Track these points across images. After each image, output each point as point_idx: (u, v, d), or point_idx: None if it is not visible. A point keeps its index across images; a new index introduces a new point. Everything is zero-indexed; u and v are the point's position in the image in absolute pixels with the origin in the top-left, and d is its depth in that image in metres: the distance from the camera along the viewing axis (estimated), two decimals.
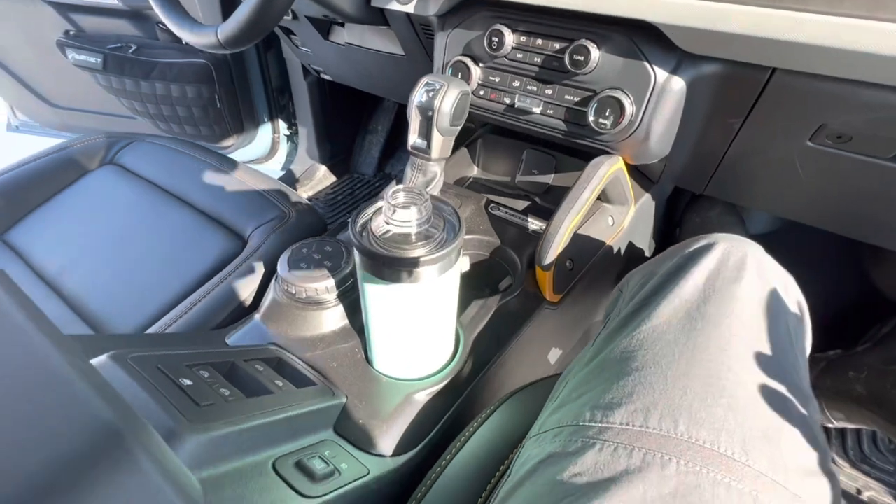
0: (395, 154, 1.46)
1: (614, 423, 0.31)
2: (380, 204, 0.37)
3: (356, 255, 0.36)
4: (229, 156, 1.27)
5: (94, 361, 0.29)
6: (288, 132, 1.45)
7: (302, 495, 0.29)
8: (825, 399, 0.72)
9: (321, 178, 1.42)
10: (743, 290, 0.36)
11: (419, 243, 0.35)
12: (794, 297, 0.41)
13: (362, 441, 0.38)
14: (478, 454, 0.38)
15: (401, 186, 0.35)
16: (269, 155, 1.47)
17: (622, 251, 0.77)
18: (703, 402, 0.30)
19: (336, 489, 0.31)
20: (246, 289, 0.55)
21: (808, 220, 0.69)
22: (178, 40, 1.22)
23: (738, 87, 0.53)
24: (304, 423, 0.35)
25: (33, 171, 0.76)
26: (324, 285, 0.45)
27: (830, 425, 0.74)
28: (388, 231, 0.35)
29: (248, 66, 1.27)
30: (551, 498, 0.29)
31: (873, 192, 0.57)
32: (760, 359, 0.33)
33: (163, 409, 0.27)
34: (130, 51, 1.19)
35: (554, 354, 0.66)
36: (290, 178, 1.40)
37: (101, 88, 1.25)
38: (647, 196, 0.79)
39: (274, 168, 1.49)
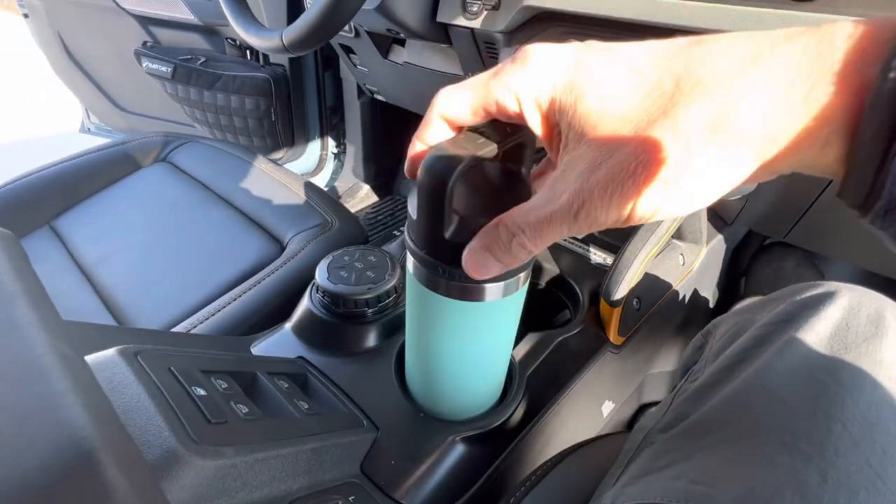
0: None
1: None
2: None
3: (408, 262, 0.31)
4: None
5: (99, 354, 0.25)
6: (336, 150, 1.47)
7: None
8: None
9: (363, 196, 1.41)
10: (887, 351, 0.29)
11: None
12: None
13: (392, 487, 0.32)
14: None
15: None
16: (315, 171, 1.48)
17: (687, 298, 0.69)
18: (852, 495, 0.23)
19: None
20: (279, 295, 0.51)
21: None
22: (244, 55, 1.27)
23: None
24: (327, 458, 0.29)
25: (89, 163, 0.77)
26: (364, 298, 0.41)
27: None
28: None
29: (306, 84, 1.30)
30: None
31: None
32: None
33: (166, 423, 0.22)
34: (199, 62, 1.25)
35: (607, 407, 0.58)
36: (333, 194, 1.41)
37: (167, 96, 1.31)
38: (718, 238, 0.71)
39: (318, 184, 1.50)
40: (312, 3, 0.57)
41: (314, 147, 1.42)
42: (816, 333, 0.30)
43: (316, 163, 1.47)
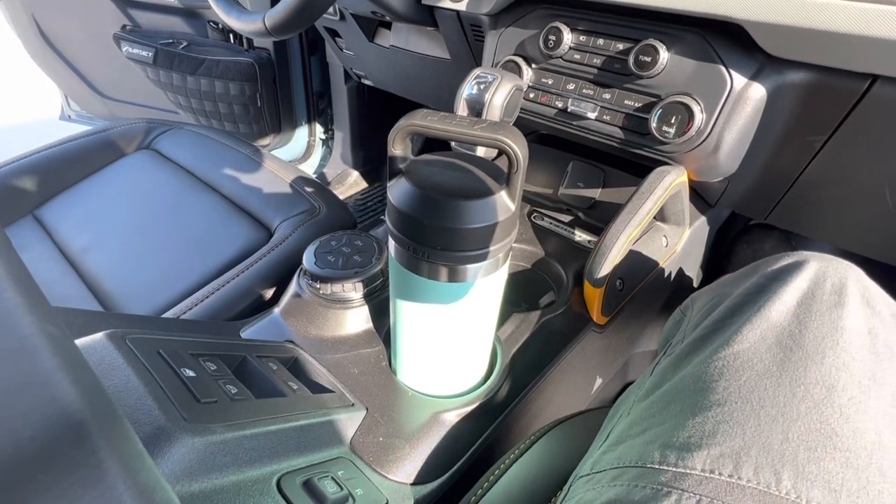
0: None
1: (694, 468, 0.25)
2: None
3: (390, 246, 0.32)
4: None
5: (88, 338, 0.25)
6: (324, 136, 1.45)
7: None
8: None
9: (353, 183, 1.41)
10: (847, 318, 0.30)
11: None
12: None
13: (380, 462, 0.33)
14: (513, 491, 0.32)
15: None
16: (303, 157, 1.47)
17: (671, 277, 0.70)
18: (811, 452, 0.24)
19: None
20: (267, 281, 0.51)
21: (893, 260, 0.61)
22: (227, 38, 1.24)
23: (827, 98, 0.47)
24: (317, 435, 0.30)
25: (71, 151, 0.76)
26: (351, 282, 0.41)
27: None
28: None
29: (292, 69, 1.28)
30: None
31: None
32: (879, 403, 0.26)
33: (156, 402, 0.22)
34: (181, 47, 1.22)
35: (592, 384, 0.59)
36: (322, 181, 1.40)
37: (149, 82, 1.28)
38: (702, 220, 0.72)
39: (307, 171, 1.49)
40: None
41: (302, 133, 1.41)
42: (784, 303, 0.31)
43: (304, 149, 1.45)
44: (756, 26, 0.44)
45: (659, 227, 0.63)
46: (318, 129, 1.43)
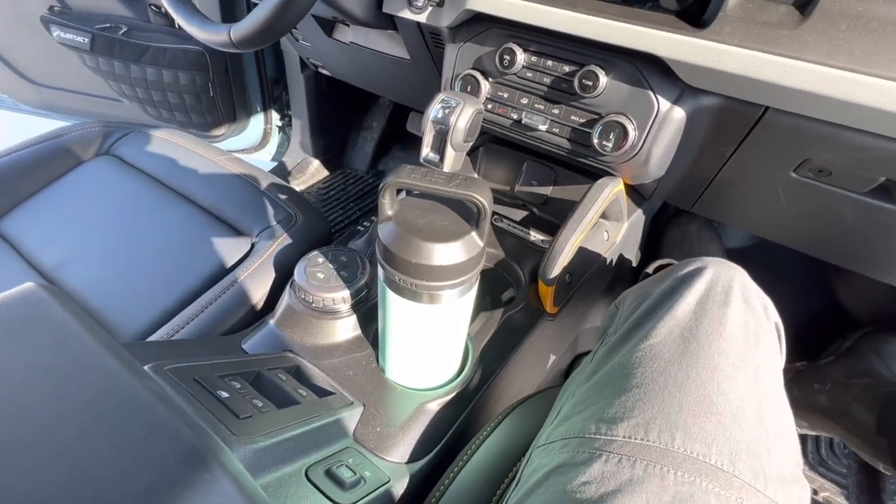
0: (388, 152, 1.46)
1: (618, 436, 0.34)
2: None
3: (380, 273, 0.38)
4: (219, 145, 1.26)
5: None
6: (280, 123, 1.44)
7: (335, 503, 0.31)
8: (792, 408, 0.78)
9: (313, 172, 1.41)
10: (730, 314, 0.40)
11: None
12: (773, 320, 0.45)
13: (380, 448, 0.40)
14: (487, 462, 0.41)
15: None
16: (259, 145, 1.45)
17: (613, 262, 0.81)
18: (696, 417, 0.34)
19: (363, 497, 0.33)
20: (257, 293, 0.56)
21: (785, 241, 0.74)
22: (172, 23, 1.19)
23: (733, 119, 0.57)
24: (328, 433, 0.37)
25: (25, 159, 0.74)
26: (340, 295, 0.47)
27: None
28: None
29: (244, 56, 1.25)
30: None
31: (847, 222, 0.62)
32: (745, 378, 0.37)
33: (209, 424, 0.28)
34: (120, 32, 1.15)
35: (547, 362, 0.69)
36: (282, 171, 1.39)
37: (87, 69, 1.21)
38: (638, 212, 0.83)
39: (264, 159, 1.47)
40: (263, 1, 0.57)
41: (257, 121, 1.38)
42: (687, 304, 0.41)
43: (260, 137, 1.43)
44: (673, 63, 0.52)
45: (601, 223, 0.72)
46: (275, 117, 1.41)
